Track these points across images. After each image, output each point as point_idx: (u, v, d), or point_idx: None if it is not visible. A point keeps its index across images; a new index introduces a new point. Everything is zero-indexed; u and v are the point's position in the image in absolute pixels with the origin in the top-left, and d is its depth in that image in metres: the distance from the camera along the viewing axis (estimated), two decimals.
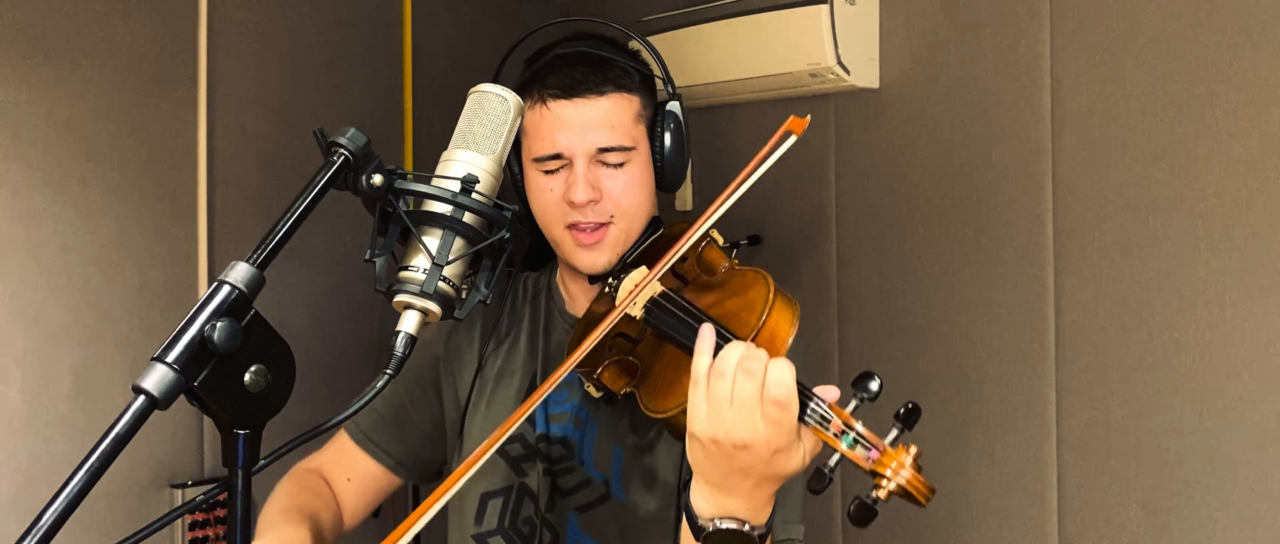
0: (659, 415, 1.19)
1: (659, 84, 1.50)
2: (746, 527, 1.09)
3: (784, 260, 2.20)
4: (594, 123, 1.38)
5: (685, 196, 2.33)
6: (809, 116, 1.25)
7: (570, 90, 1.38)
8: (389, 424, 1.56)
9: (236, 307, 0.90)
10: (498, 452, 1.46)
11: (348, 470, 1.57)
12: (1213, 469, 1.59)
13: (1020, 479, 1.82)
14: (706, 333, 1.10)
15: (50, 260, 2.09)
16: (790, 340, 1.17)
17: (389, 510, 2.51)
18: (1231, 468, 1.57)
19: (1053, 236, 1.77)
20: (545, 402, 1.45)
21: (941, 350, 1.93)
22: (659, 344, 1.25)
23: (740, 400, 1.04)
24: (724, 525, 1.09)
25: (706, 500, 1.11)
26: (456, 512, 1.50)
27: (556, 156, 1.38)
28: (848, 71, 1.98)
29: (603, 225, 1.40)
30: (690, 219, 1.40)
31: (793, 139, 1.25)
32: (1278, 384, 1.53)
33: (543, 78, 1.40)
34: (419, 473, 1.60)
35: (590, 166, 1.38)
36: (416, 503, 2.65)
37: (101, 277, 2.15)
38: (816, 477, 1.03)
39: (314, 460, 1.59)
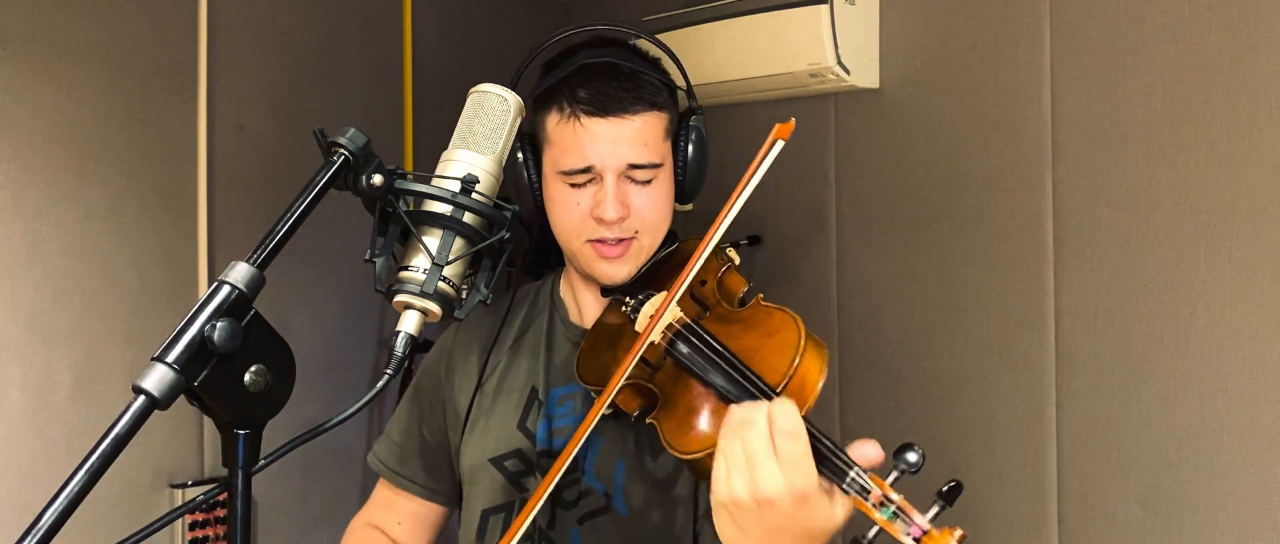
0: (684, 456, 1.17)
1: (682, 94, 1.48)
2: None
3: (784, 260, 2.20)
4: (626, 140, 1.36)
5: None
6: (793, 120, 1.24)
7: (604, 108, 1.35)
8: (413, 458, 1.56)
9: (236, 307, 0.90)
10: (497, 469, 1.45)
11: (397, 515, 1.57)
12: (1213, 469, 1.59)
13: (1020, 479, 1.82)
14: (735, 412, 1.08)
15: (50, 260, 2.09)
16: (820, 386, 1.15)
17: None
18: (1231, 468, 1.57)
19: (1053, 236, 1.77)
20: (547, 415, 1.44)
21: (941, 350, 1.93)
22: (680, 375, 1.24)
23: (751, 453, 1.03)
24: None
25: None
26: (465, 527, 1.50)
27: (586, 170, 1.36)
28: (848, 71, 1.98)
29: (626, 240, 1.38)
30: (696, 228, 1.39)
31: (780, 145, 1.23)
32: (1278, 384, 1.53)
33: (572, 90, 1.36)
34: (457, 497, 1.59)
35: (619, 182, 1.36)
36: None
37: (101, 276, 2.15)
38: None
39: (363, 516, 1.60)
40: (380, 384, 1.04)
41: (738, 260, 1.37)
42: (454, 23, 2.68)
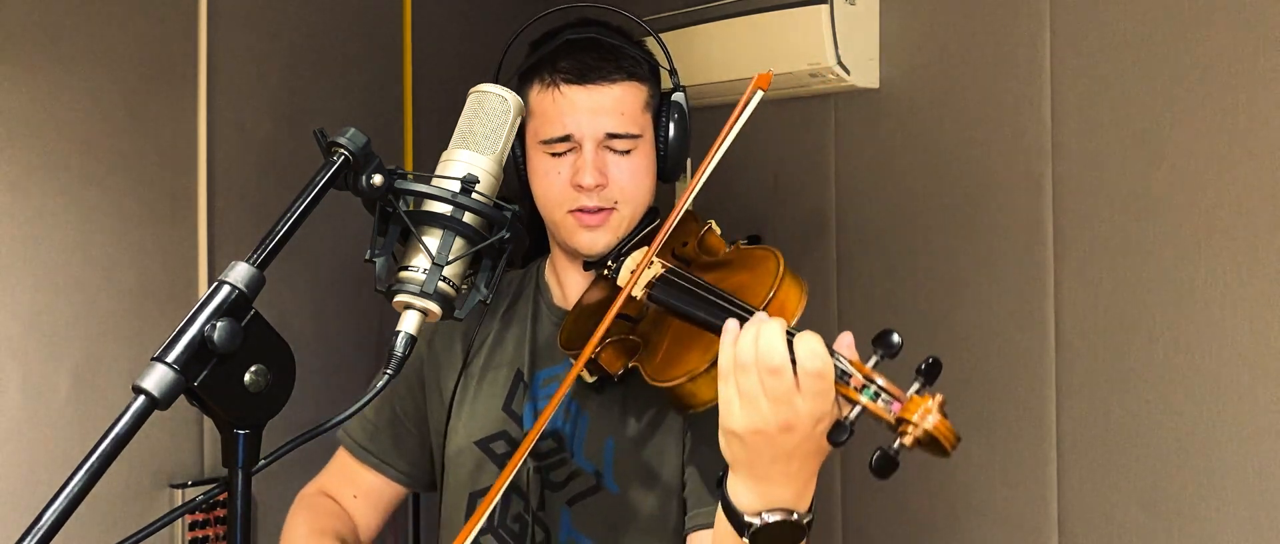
0: (665, 384, 1.17)
1: (664, 74, 1.50)
2: (794, 516, 1.05)
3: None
4: (605, 108, 1.39)
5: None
6: (771, 72, 1.27)
7: (583, 76, 1.38)
8: (384, 435, 1.56)
9: (236, 307, 0.90)
10: (483, 451, 1.46)
11: (353, 488, 1.57)
12: (1213, 469, 1.59)
13: (1020, 479, 1.82)
14: (731, 326, 1.05)
15: (50, 260, 2.09)
16: (799, 313, 1.16)
17: (388, 525, 2.51)
18: (1231, 468, 1.57)
19: (1053, 236, 1.77)
20: (532, 397, 1.44)
21: (941, 350, 1.92)
22: (662, 319, 1.25)
23: (776, 395, 1.01)
24: (771, 519, 1.05)
25: (750, 493, 1.06)
26: (450, 510, 1.50)
27: (565, 139, 1.38)
28: (848, 71, 1.98)
29: (606, 210, 1.40)
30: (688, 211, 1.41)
31: (760, 94, 1.26)
32: (1277, 384, 1.53)
33: (554, 61, 1.40)
34: (423, 481, 1.59)
35: (598, 151, 1.39)
36: (415, 515, 2.65)
37: (101, 277, 2.15)
38: (836, 429, 0.99)
39: (318, 483, 1.59)
40: (380, 384, 1.04)
41: (718, 230, 1.39)
42: (454, 23, 2.67)
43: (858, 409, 1.01)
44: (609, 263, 1.40)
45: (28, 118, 2.06)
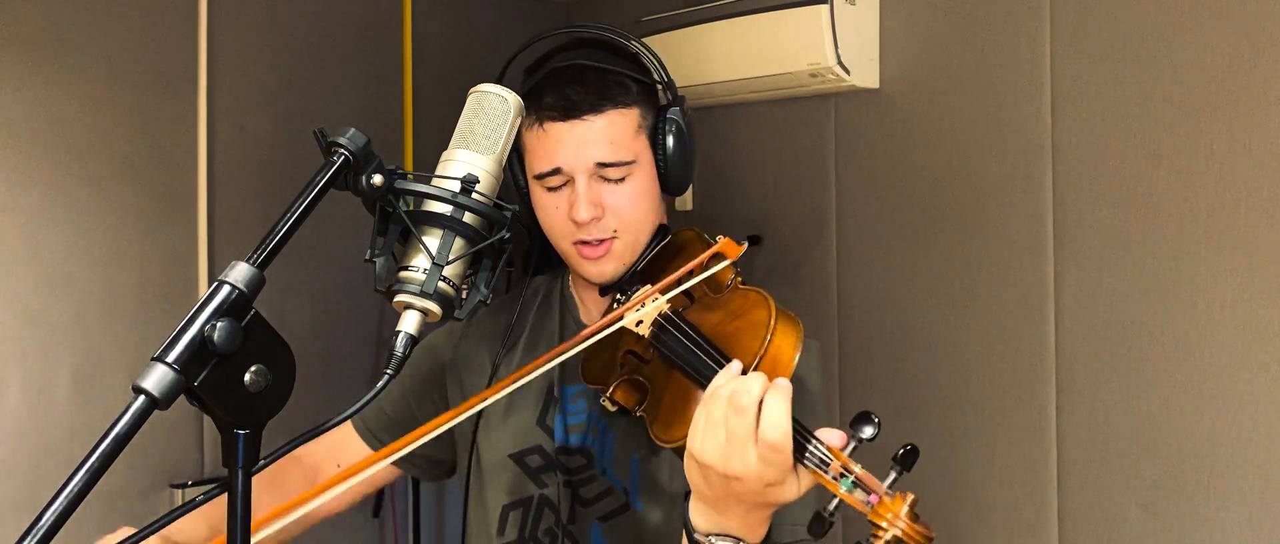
0: (668, 445, 1.20)
1: (659, 88, 1.49)
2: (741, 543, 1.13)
3: (784, 260, 2.20)
4: (592, 140, 1.37)
5: (685, 198, 2.33)
6: (745, 244, 1.30)
7: (567, 112, 1.37)
8: (395, 425, 1.57)
9: (236, 307, 0.90)
10: (518, 464, 1.47)
11: (340, 457, 1.57)
12: (1213, 469, 1.59)
13: (1020, 479, 1.82)
14: (734, 366, 1.13)
15: (50, 260, 2.09)
16: (795, 360, 1.18)
17: (390, 509, 2.52)
18: (1231, 467, 1.57)
19: (1053, 236, 1.77)
20: (563, 413, 1.45)
21: (941, 350, 1.93)
22: (662, 366, 1.25)
23: (733, 434, 1.06)
24: (719, 543, 1.13)
25: (703, 517, 1.14)
26: (480, 522, 1.51)
27: (556, 172, 1.38)
28: (848, 71, 1.98)
29: (606, 240, 1.40)
30: (691, 223, 1.41)
31: (726, 262, 1.30)
32: (1277, 383, 1.53)
33: (539, 97, 1.39)
34: (419, 470, 1.61)
35: (591, 183, 1.38)
36: (416, 495, 2.66)
37: (101, 276, 2.15)
38: (816, 521, 1.05)
39: (306, 449, 1.58)
40: (380, 384, 1.04)
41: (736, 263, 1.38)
42: (454, 23, 2.68)
43: (836, 501, 1.06)
44: (618, 294, 1.40)
45: (28, 118, 2.06)
